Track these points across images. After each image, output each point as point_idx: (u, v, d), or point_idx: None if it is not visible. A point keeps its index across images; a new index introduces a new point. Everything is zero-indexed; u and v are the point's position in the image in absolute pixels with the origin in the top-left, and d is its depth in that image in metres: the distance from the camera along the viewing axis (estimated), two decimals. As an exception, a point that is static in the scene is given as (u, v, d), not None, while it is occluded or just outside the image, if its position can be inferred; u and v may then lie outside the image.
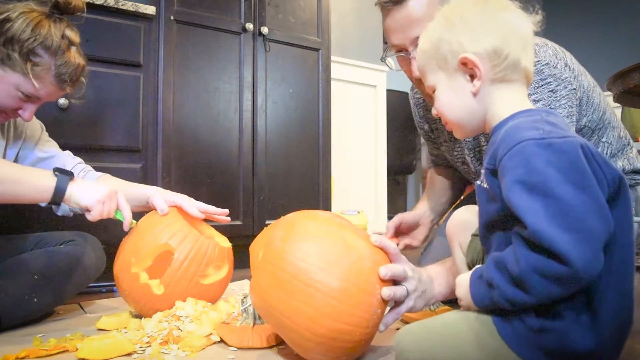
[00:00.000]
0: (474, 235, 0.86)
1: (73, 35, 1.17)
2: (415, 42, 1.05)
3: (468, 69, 0.78)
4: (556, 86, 0.99)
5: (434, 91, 0.84)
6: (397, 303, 0.90)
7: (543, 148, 0.65)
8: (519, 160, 0.66)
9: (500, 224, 0.73)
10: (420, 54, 0.85)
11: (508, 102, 0.78)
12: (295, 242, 0.84)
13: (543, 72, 1.00)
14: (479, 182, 0.79)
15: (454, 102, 0.81)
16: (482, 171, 0.78)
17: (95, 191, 1.11)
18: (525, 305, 0.66)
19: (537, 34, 0.82)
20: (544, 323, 0.67)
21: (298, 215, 0.92)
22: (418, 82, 1.12)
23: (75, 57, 1.16)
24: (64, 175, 1.09)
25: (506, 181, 0.67)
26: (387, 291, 0.84)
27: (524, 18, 0.78)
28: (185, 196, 1.28)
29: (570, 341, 0.66)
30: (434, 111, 0.85)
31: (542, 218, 0.61)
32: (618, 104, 2.09)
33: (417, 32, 1.04)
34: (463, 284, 0.76)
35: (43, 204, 1.18)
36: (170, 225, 1.17)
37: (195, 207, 1.26)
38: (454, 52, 0.78)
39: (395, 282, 0.89)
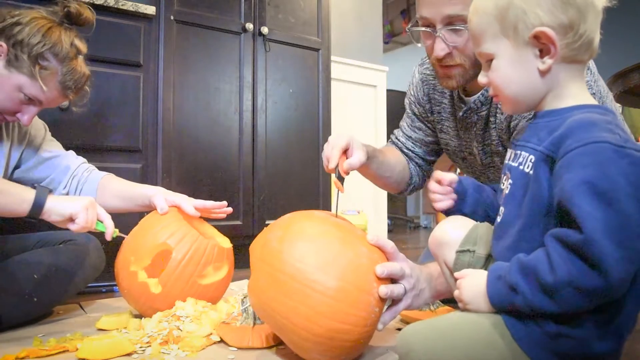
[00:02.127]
0: (458, 252, 0.83)
1: (81, 45, 1.20)
2: (445, 20, 1.00)
3: (540, 43, 0.70)
4: None
5: (488, 60, 0.76)
6: (395, 301, 0.90)
7: (620, 156, 0.61)
8: (592, 160, 0.62)
9: (528, 214, 0.70)
10: (480, 15, 0.75)
11: (574, 87, 0.73)
12: (292, 242, 0.84)
13: None
14: (515, 165, 0.75)
15: (515, 76, 0.73)
16: (521, 152, 0.74)
17: (76, 200, 1.11)
18: (548, 313, 0.64)
19: None
20: (563, 329, 0.65)
21: (294, 216, 0.92)
22: (437, 62, 1.07)
23: (82, 66, 1.19)
24: (43, 188, 1.09)
25: (572, 177, 0.62)
26: (385, 289, 0.84)
27: None
28: (184, 196, 1.28)
29: (589, 348, 0.65)
30: (483, 79, 0.78)
31: (599, 228, 0.58)
32: (618, 104, 2.09)
33: (449, 10, 0.99)
34: (471, 285, 0.73)
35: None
36: (169, 224, 1.18)
37: (192, 205, 1.25)
38: (528, 24, 0.69)
39: (393, 280, 0.88)
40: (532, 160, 0.71)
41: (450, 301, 1.08)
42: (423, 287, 0.93)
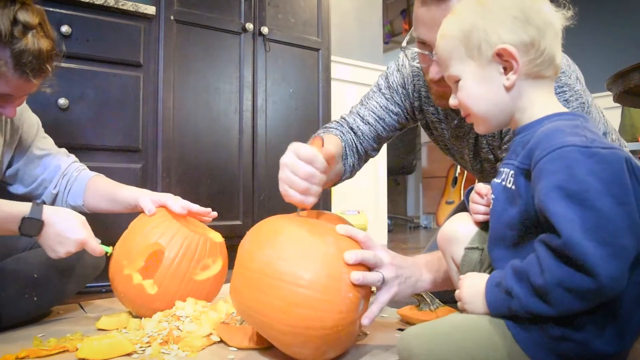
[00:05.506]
0: (467, 249, 0.83)
1: (28, 17, 1.00)
2: None
3: (503, 60, 0.73)
4: (570, 96, 0.96)
5: (456, 81, 0.79)
6: (379, 291, 0.90)
7: (587, 156, 0.62)
8: (559, 165, 0.63)
9: (519, 227, 0.71)
10: (446, 40, 0.78)
11: (542, 100, 0.75)
12: (260, 241, 0.88)
13: (560, 80, 0.97)
14: (498, 181, 0.76)
15: (482, 94, 0.76)
16: (504, 169, 0.75)
17: (70, 219, 1.07)
18: (544, 316, 0.65)
19: None
20: (566, 332, 0.66)
21: (265, 220, 0.95)
22: (434, 84, 1.06)
23: (35, 42, 1.00)
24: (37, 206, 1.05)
25: (543, 185, 0.64)
26: (356, 275, 0.83)
27: (555, 11, 0.75)
28: (170, 195, 1.27)
29: (591, 350, 0.65)
30: (453, 102, 0.80)
31: (577, 229, 0.59)
32: (618, 104, 2.09)
33: None
34: (471, 287, 0.74)
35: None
36: (159, 224, 1.17)
37: (179, 204, 1.23)
38: (491, 42, 0.73)
39: (371, 269, 0.88)
40: (512, 175, 0.73)
41: (451, 301, 1.08)
42: (410, 275, 0.93)
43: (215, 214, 1.30)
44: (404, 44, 1.10)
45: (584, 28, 0.76)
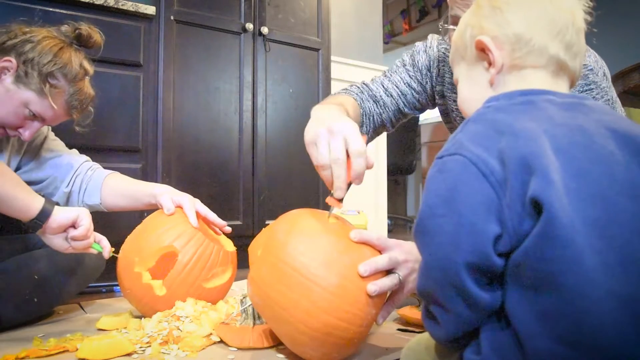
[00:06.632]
0: None
1: (89, 66, 1.22)
2: None
3: (486, 55, 0.66)
4: (596, 94, 0.95)
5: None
6: (394, 291, 0.89)
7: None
8: None
9: None
10: (452, 47, 0.74)
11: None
12: (299, 236, 0.85)
13: (588, 78, 0.96)
14: None
15: (471, 95, 0.70)
16: None
17: (78, 208, 1.08)
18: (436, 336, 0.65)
19: None
20: None
21: (302, 212, 0.93)
22: None
23: (88, 87, 1.22)
24: (50, 199, 1.05)
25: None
26: (372, 287, 0.82)
27: (563, 1, 0.66)
28: (189, 197, 1.26)
29: None
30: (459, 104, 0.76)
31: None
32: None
33: None
34: None
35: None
36: (175, 226, 1.17)
37: (194, 212, 1.23)
38: (473, 37, 0.67)
39: (389, 271, 0.87)
40: None
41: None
42: None
43: (229, 229, 1.30)
44: (440, 22, 1.07)
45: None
